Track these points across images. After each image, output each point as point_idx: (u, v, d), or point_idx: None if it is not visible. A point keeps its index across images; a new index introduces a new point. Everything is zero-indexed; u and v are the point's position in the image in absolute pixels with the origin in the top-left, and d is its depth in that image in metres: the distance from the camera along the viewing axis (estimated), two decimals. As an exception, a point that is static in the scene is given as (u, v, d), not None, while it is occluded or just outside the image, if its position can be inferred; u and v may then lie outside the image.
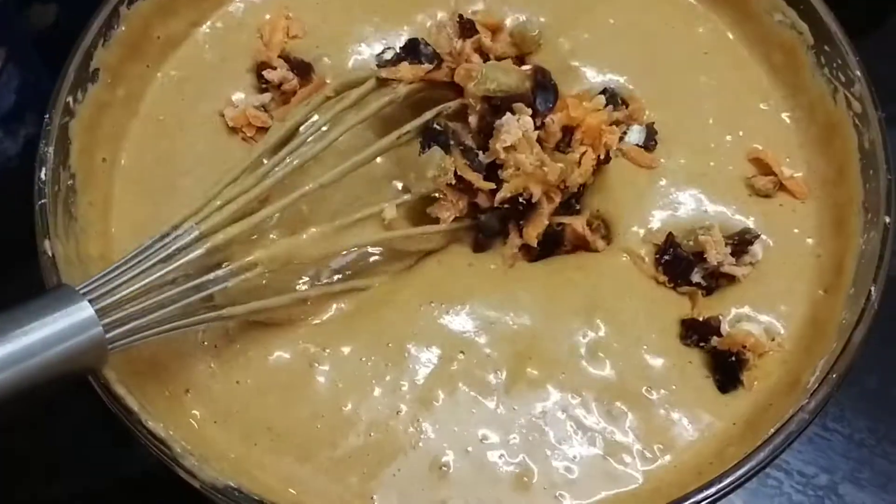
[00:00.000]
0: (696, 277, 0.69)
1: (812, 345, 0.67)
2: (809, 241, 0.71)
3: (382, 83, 0.69)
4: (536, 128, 0.67)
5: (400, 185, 0.70)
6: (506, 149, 0.66)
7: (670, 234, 0.70)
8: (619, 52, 0.78)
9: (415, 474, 0.64)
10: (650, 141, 0.74)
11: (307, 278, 0.68)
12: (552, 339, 0.67)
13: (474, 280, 0.69)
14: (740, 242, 0.70)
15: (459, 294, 0.69)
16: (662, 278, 0.70)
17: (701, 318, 0.68)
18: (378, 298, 0.69)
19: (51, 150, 0.67)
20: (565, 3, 0.79)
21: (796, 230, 0.72)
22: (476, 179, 0.67)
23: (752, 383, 0.67)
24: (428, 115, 0.68)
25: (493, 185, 0.67)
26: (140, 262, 0.60)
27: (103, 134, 0.72)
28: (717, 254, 0.69)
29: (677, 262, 0.69)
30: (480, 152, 0.68)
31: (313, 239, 0.65)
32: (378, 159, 0.69)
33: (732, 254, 0.69)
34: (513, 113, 0.67)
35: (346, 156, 0.67)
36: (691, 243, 0.70)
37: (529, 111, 0.67)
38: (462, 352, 0.67)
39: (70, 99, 0.69)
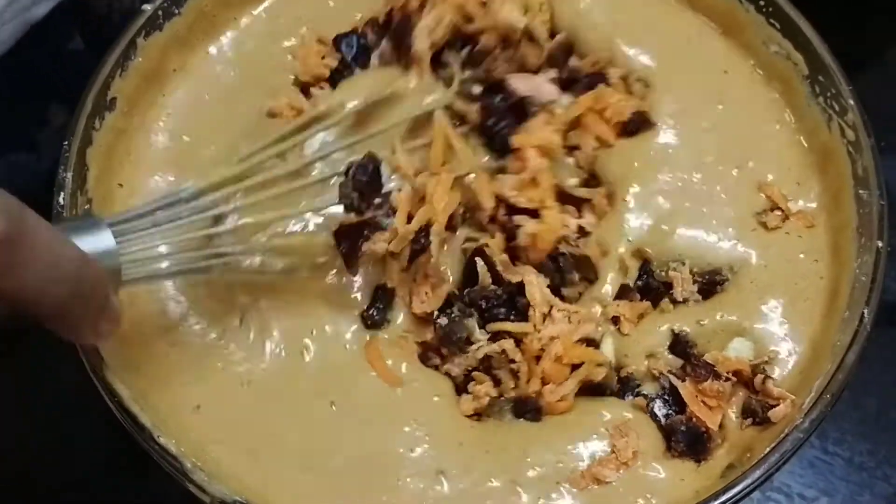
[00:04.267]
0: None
1: (808, 367, 0.68)
2: (813, 264, 0.72)
3: None
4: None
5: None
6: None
7: (646, 260, 0.71)
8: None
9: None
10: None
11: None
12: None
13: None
14: (709, 283, 0.71)
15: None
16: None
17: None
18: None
19: (69, 175, 0.68)
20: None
21: (802, 255, 0.72)
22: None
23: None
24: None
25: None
26: (153, 209, 0.63)
27: (119, 160, 0.74)
28: (683, 290, 0.70)
29: (647, 289, 0.71)
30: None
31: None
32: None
33: (700, 291, 0.70)
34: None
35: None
36: (664, 274, 0.71)
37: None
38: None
39: (88, 126, 0.70)
